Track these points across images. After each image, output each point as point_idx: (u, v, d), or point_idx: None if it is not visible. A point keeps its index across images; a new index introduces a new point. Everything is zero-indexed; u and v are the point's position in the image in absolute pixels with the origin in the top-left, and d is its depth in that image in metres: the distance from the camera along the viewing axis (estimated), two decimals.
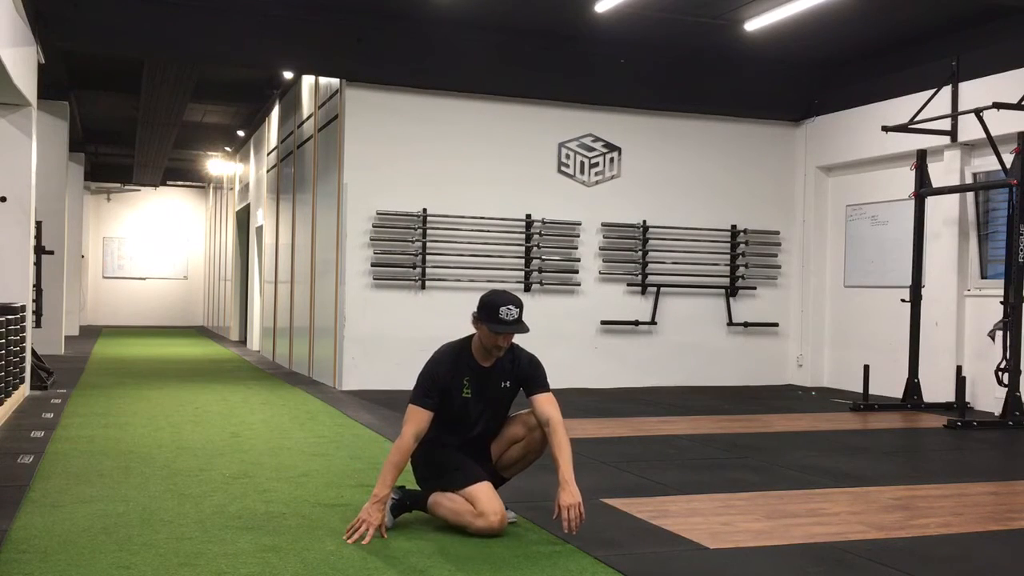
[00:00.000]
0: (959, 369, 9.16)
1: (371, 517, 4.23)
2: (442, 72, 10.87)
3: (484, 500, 4.29)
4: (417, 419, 4.36)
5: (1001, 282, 9.15)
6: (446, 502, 4.41)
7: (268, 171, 16.36)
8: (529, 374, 4.50)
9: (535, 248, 11.21)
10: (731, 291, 12.03)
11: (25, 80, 9.04)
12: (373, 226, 10.65)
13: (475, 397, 4.47)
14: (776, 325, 12.28)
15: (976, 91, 9.74)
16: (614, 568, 3.88)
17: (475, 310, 4.43)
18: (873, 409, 9.67)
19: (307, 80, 12.97)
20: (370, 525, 4.21)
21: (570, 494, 4.18)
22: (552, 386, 4.52)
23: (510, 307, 4.35)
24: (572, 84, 11.30)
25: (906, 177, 10.40)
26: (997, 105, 8.84)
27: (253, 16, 10.32)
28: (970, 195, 10.19)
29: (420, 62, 10.75)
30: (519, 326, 4.36)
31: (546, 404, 4.43)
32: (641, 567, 3.94)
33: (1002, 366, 8.77)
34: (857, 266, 11.74)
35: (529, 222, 11.19)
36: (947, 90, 10.09)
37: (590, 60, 11.25)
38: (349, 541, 4.17)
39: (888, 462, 6.96)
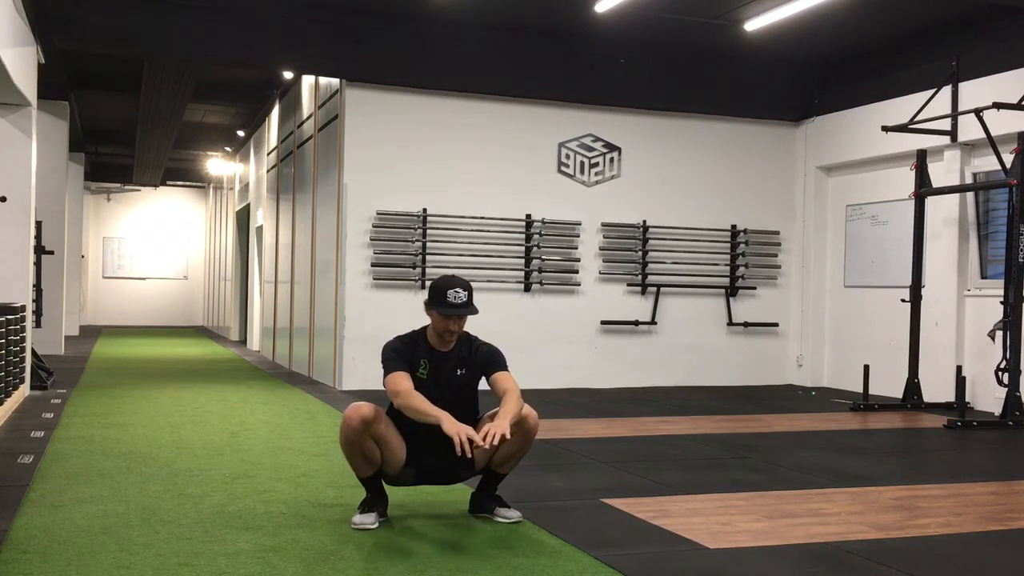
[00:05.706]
0: (959, 369, 9.16)
1: (458, 427, 4.08)
2: (442, 72, 10.87)
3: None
4: (399, 378, 4.41)
5: (1001, 282, 9.15)
6: None
7: (268, 171, 16.36)
8: (488, 360, 4.53)
9: (535, 248, 11.20)
10: (731, 291, 12.02)
11: (25, 80, 9.04)
12: (373, 226, 10.66)
13: (431, 379, 4.50)
14: (776, 325, 12.28)
15: (976, 91, 9.74)
16: (614, 568, 3.88)
17: (425, 298, 4.52)
18: (873, 409, 9.67)
19: (307, 80, 12.98)
20: (463, 432, 4.04)
21: (498, 423, 4.12)
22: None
23: (458, 290, 4.42)
24: (572, 84, 11.30)
25: (906, 177, 10.40)
26: (997, 105, 8.84)
27: (253, 16, 10.32)
28: (970, 195, 10.19)
29: (420, 62, 10.75)
30: (468, 308, 4.43)
31: (504, 379, 4.44)
32: (641, 567, 3.94)
33: (1002, 366, 8.77)
34: (857, 266, 11.74)
35: (529, 222, 11.19)
36: (947, 90, 10.09)
37: (590, 60, 11.25)
38: (468, 454, 4.02)
39: (888, 462, 6.96)
